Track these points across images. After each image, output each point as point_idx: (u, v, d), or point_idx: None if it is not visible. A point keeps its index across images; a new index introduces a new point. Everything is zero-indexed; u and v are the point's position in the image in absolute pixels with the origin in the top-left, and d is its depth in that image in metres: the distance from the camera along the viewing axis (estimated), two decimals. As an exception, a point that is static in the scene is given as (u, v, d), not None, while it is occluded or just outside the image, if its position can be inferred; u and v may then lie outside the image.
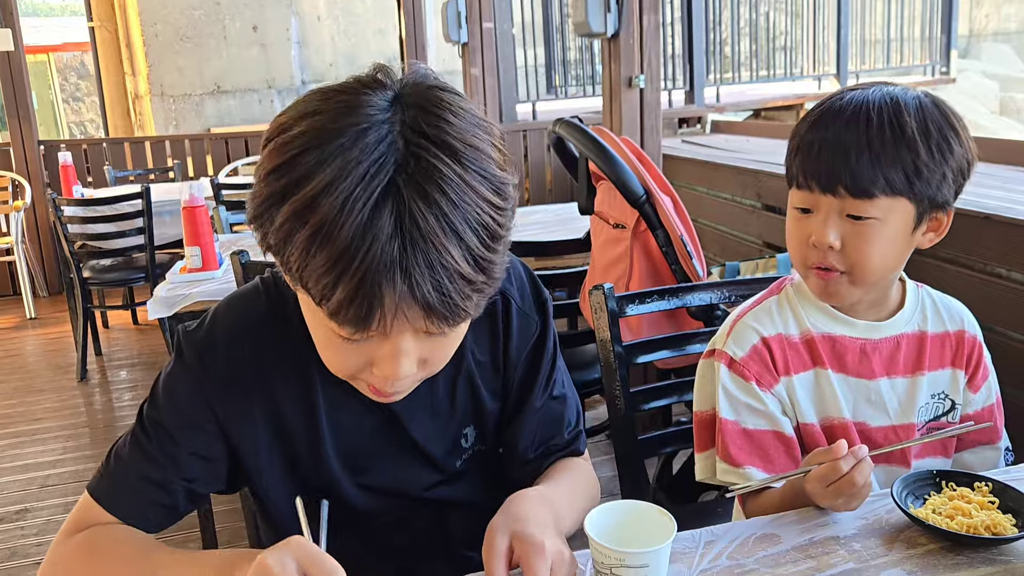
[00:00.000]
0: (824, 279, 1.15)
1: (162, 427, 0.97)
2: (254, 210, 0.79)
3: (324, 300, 0.76)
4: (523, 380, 1.09)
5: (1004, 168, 3.00)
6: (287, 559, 0.77)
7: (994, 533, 0.95)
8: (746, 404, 1.20)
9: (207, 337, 0.97)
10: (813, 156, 1.11)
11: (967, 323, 1.26)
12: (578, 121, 2.11)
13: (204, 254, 2.53)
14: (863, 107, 1.10)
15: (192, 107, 8.08)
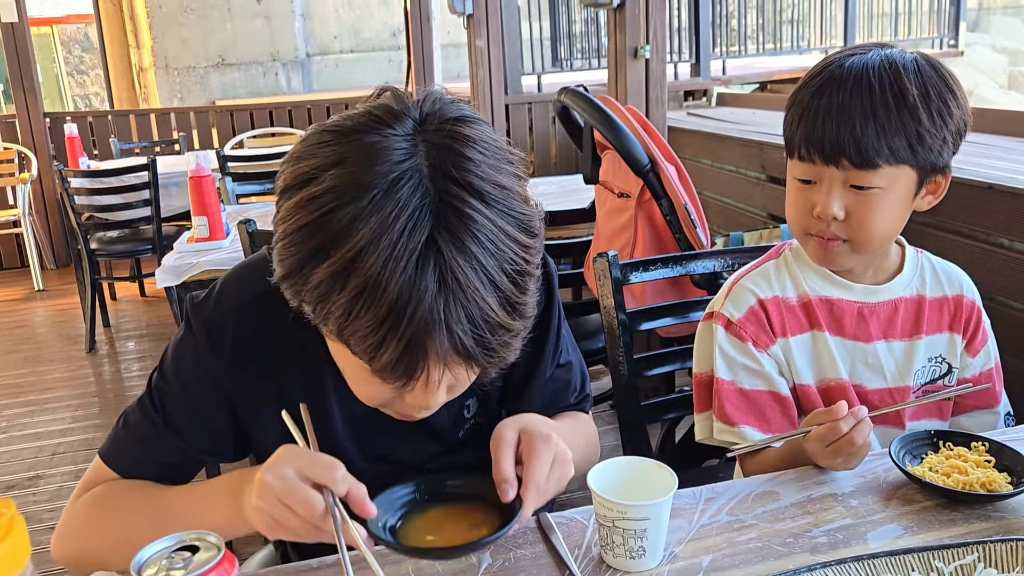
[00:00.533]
0: (825, 247, 1.16)
1: (169, 398, 0.98)
2: (287, 268, 0.77)
3: (370, 359, 0.75)
4: (530, 353, 1.07)
5: (1009, 139, 2.99)
6: (285, 470, 0.78)
7: (989, 490, 0.97)
8: (743, 365, 1.22)
9: (215, 312, 0.97)
10: (816, 127, 1.10)
11: (966, 288, 1.27)
12: (583, 90, 2.11)
13: (211, 223, 2.54)
14: (864, 74, 1.10)
15: (196, 80, 8.06)
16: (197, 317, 0.97)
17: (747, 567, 0.89)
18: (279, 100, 7.08)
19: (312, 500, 0.77)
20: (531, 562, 0.91)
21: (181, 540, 0.72)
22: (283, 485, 0.77)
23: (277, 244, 0.78)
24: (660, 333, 2.21)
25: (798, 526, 0.96)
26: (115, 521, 0.96)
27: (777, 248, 1.31)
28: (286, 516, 0.78)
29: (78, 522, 0.98)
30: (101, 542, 0.97)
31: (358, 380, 0.87)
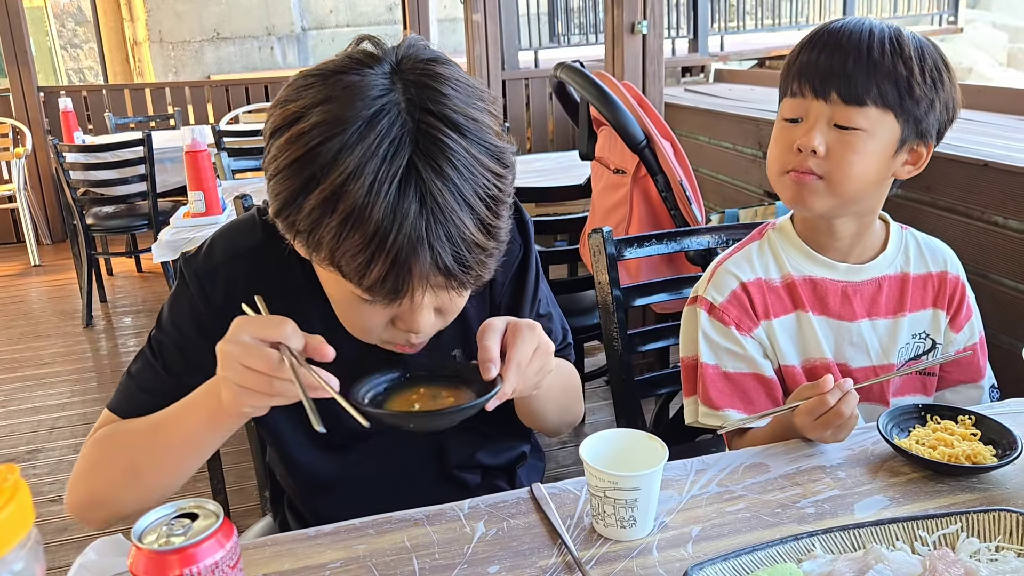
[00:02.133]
0: (800, 182, 1.15)
1: (167, 346, 1.03)
2: (281, 201, 0.82)
3: (360, 278, 0.81)
4: (510, 302, 1.14)
5: (1006, 117, 2.99)
6: (240, 336, 0.82)
7: (974, 462, 0.99)
8: (726, 348, 1.23)
9: (206, 263, 1.03)
10: (810, 62, 1.13)
11: (950, 264, 1.29)
12: (579, 66, 2.11)
13: (207, 199, 2.54)
14: (864, 25, 1.13)
15: (191, 54, 8.00)
16: (189, 269, 1.03)
17: (736, 536, 0.90)
18: (275, 75, 7.03)
19: (267, 354, 0.80)
20: (524, 531, 0.93)
21: (180, 508, 0.73)
22: (240, 348, 0.81)
23: (270, 182, 0.84)
24: (654, 309, 2.22)
25: (786, 497, 0.98)
26: (118, 452, 1.00)
27: (759, 229, 1.32)
28: (247, 377, 0.81)
29: (86, 464, 1.02)
30: (108, 475, 1.00)
31: (350, 311, 0.92)
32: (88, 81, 9.77)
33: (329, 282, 0.93)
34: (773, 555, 0.83)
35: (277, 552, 0.91)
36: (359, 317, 0.92)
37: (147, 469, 0.97)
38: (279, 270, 1.01)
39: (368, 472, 1.14)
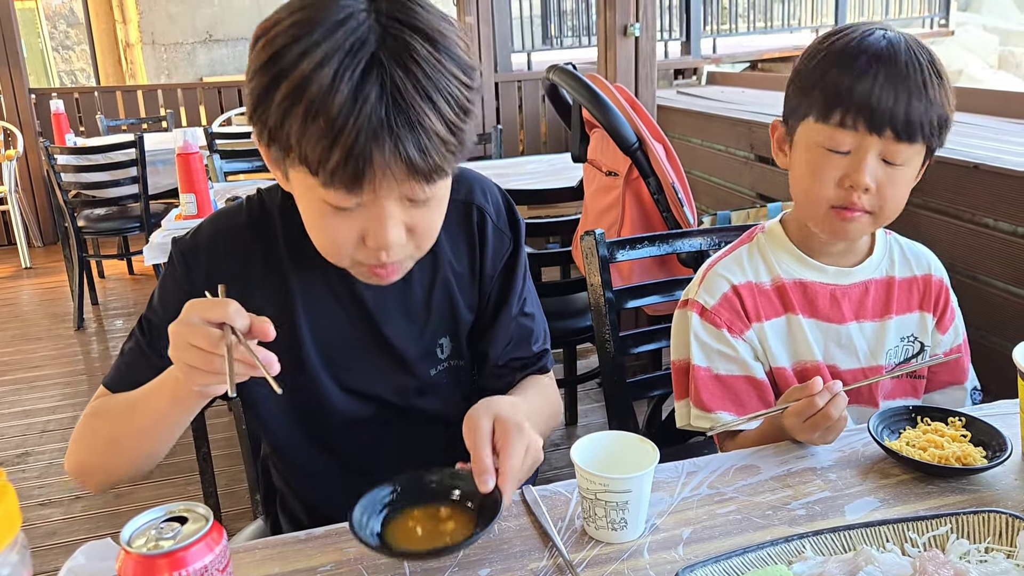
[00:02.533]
0: (848, 219, 1.14)
1: (154, 324, 1.06)
2: (252, 102, 0.87)
3: (321, 165, 0.84)
4: (498, 294, 1.16)
5: (996, 119, 3.01)
6: (189, 317, 0.84)
7: (964, 464, 0.99)
8: (718, 351, 1.23)
9: (191, 243, 1.07)
10: (863, 95, 1.08)
11: (933, 267, 1.30)
12: (572, 68, 2.11)
13: (199, 201, 2.54)
14: (911, 49, 1.09)
15: (184, 56, 7.98)
16: (176, 249, 1.07)
17: (726, 538, 0.90)
18: (267, 77, 7.01)
19: (208, 333, 0.83)
20: (515, 534, 0.93)
21: (170, 511, 0.73)
22: (187, 328, 0.83)
23: (247, 88, 0.89)
24: (647, 311, 2.22)
25: (777, 499, 0.98)
26: (102, 424, 1.05)
27: (749, 233, 1.32)
28: (193, 356, 0.83)
29: (77, 434, 1.07)
30: (93, 446, 1.05)
31: (321, 225, 0.93)
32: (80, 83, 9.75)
33: (301, 196, 0.94)
34: (764, 557, 0.83)
35: (267, 555, 0.91)
36: (330, 231, 0.93)
37: (127, 442, 1.02)
38: (262, 247, 1.05)
39: (350, 471, 1.15)
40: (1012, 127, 2.84)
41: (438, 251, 1.08)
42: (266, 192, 1.08)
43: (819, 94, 1.12)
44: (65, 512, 2.69)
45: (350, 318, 1.09)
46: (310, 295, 1.07)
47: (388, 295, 1.08)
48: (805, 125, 1.15)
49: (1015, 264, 2.14)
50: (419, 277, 1.09)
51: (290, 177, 0.92)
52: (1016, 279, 2.14)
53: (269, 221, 1.05)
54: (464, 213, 1.12)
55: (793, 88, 1.18)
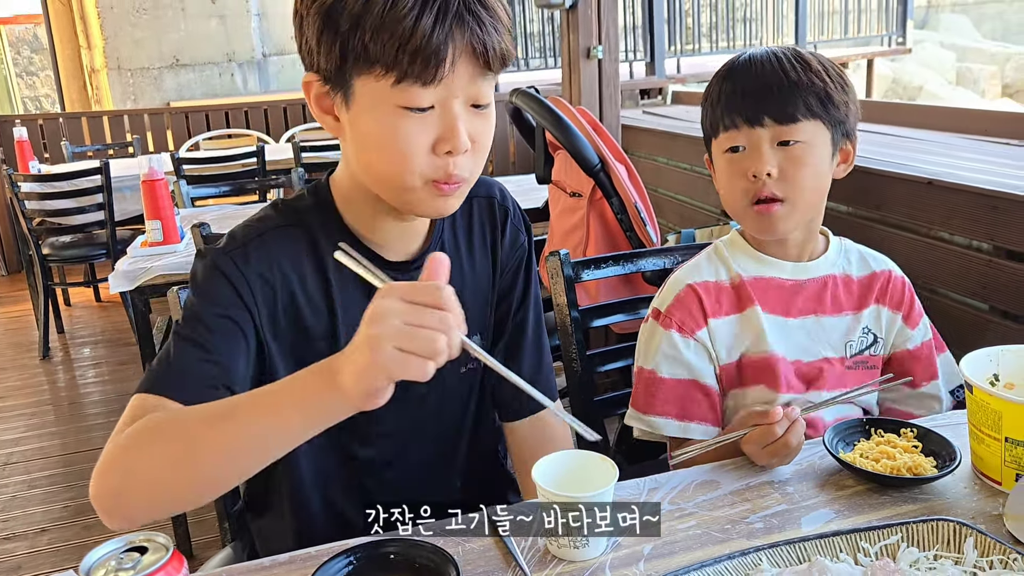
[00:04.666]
0: (766, 212, 1.21)
1: (203, 324, 1.00)
2: (322, 19, 0.92)
3: (401, 50, 0.88)
4: (522, 293, 1.23)
5: (950, 135, 3.09)
6: (394, 302, 0.75)
7: (915, 474, 1.02)
8: (664, 353, 1.26)
9: (233, 244, 1.04)
10: (736, 96, 1.21)
11: (893, 268, 1.35)
12: (534, 91, 2.14)
13: (165, 227, 2.53)
14: (769, 53, 1.23)
15: (150, 81, 7.94)
16: (220, 255, 1.03)
17: (687, 553, 0.92)
18: (235, 101, 7.01)
19: (445, 317, 0.75)
20: (479, 555, 0.94)
21: (130, 541, 0.73)
22: (405, 309, 0.75)
23: (304, 29, 0.95)
24: (614, 329, 2.24)
25: (736, 513, 1.00)
26: (157, 443, 0.89)
27: (707, 247, 1.37)
28: (416, 338, 0.74)
29: (114, 455, 0.90)
30: (137, 468, 0.89)
31: (393, 140, 0.94)
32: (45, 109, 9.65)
33: (370, 111, 0.95)
34: (721, 571, 0.85)
35: (231, 583, 0.91)
36: (403, 140, 0.94)
37: (203, 462, 0.86)
38: (302, 248, 1.06)
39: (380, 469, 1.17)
40: (966, 143, 2.92)
41: (462, 247, 1.15)
42: (286, 201, 1.09)
43: (708, 113, 1.27)
44: (30, 546, 2.64)
45: None
46: (349, 300, 1.07)
47: None
48: (713, 145, 1.28)
49: (971, 276, 2.19)
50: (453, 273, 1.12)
51: (355, 98, 0.94)
52: (972, 291, 2.19)
53: (304, 221, 1.06)
54: (487, 206, 1.20)
55: (702, 117, 1.30)
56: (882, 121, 3.48)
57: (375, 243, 1.08)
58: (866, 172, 2.41)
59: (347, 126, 0.99)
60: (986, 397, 1.00)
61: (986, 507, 0.99)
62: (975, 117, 3.26)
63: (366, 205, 1.06)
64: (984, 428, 1.01)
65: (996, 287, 2.12)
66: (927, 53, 11.95)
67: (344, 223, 1.07)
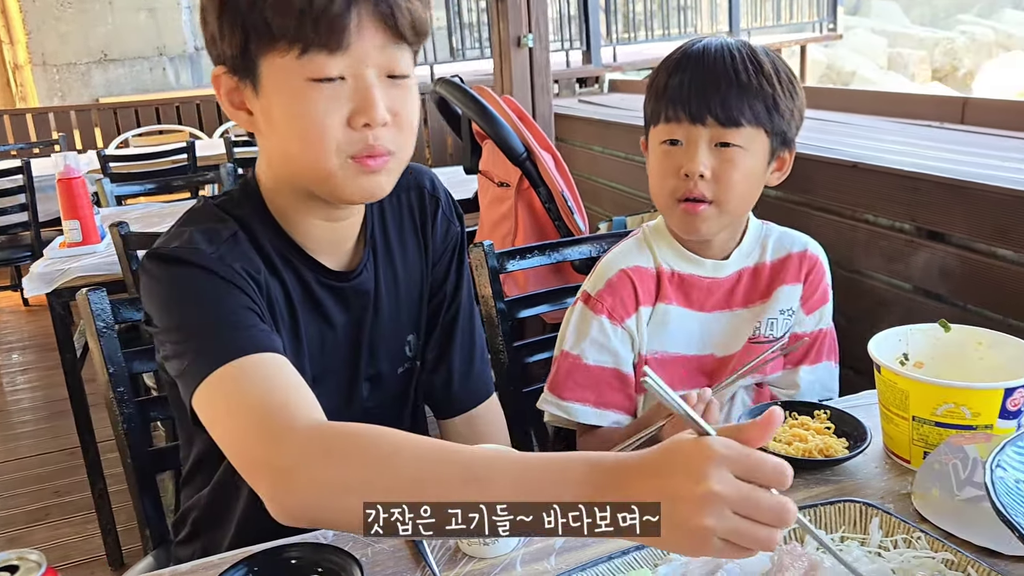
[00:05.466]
0: (693, 212, 1.19)
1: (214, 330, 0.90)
2: (217, 10, 0.91)
3: (303, 18, 0.85)
4: (455, 278, 1.21)
5: (876, 119, 3.14)
6: (727, 488, 0.63)
7: (826, 455, 1.02)
8: (592, 339, 1.25)
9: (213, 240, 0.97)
10: (683, 91, 1.17)
11: (810, 247, 1.33)
12: (459, 80, 2.11)
13: (84, 227, 2.44)
14: (724, 48, 1.19)
15: (78, 76, 7.70)
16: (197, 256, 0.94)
17: (598, 545, 0.91)
18: (166, 96, 6.83)
19: (780, 505, 0.65)
20: (389, 555, 0.91)
21: (4, 560, 0.69)
22: (741, 497, 0.64)
23: (207, 11, 0.93)
24: (545, 319, 2.23)
25: (650, 502, 0.99)
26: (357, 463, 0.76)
27: (637, 230, 1.36)
28: (749, 536, 0.64)
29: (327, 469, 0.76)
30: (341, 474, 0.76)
31: (304, 112, 0.90)
32: (-33, 107, 9.28)
33: (281, 90, 0.91)
34: (630, 562, 0.84)
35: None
36: (316, 115, 0.90)
37: None
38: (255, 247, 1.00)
39: None
40: (891, 126, 2.97)
41: (393, 243, 1.13)
42: (222, 204, 1.03)
43: (652, 100, 1.22)
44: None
45: (331, 319, 1.08)
46: (302, 294, 1.05)
47: (363, 294, 1.08)
48: (651, 132, 1.25)
49: (895, 257, 2.23)
50: (384, 273, 1.11)
51: (263, 81, 0.91)
52: (897, 272, 2.23)
53: (249, 227, 1.01)
54: (417, 197, 1.17)
55: (645, 104, 1.26)
56: (813, 106, 3.52)
57: (307, 246, 1.04)
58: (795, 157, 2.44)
59: (260, 117, 0.95)
60: (893, 377, 1.01)
61: (896, 486, 1.00)
62: (900, 100, 3.33)
63: (293, 204, 1.02)
64: (892, 408, 1.02)
65: (918, 266, 2.16)
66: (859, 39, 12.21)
67: (278, 226, 1.03)
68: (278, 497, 0.77)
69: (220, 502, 1.15)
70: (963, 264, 2.04)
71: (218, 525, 1.16)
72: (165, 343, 0.94)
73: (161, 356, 0.96)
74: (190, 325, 0.92)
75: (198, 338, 0.90)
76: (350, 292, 1.08)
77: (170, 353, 0.93)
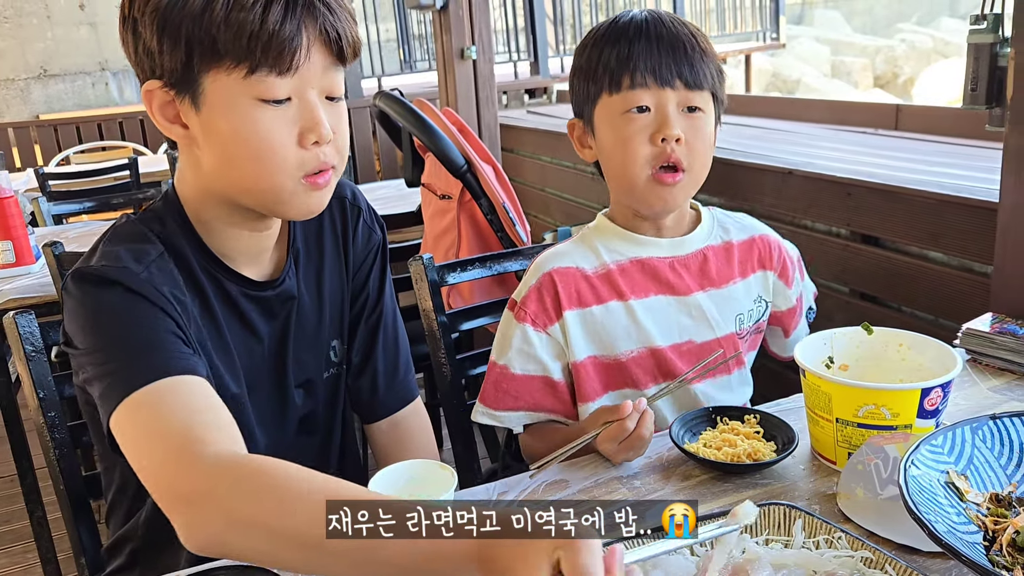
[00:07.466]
0: (671, 181, 1.16)
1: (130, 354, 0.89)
2: (157, 25, 0.89)
3: (253, 40, 0.87)
4: (377, 283, 1.22)
5: (814, 126, 3.21)
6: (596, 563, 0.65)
7: (755, 459, 1.04)
8: (518, 348, 1.24)
9: (140, 261, 0.96)
10: (651, 55, 1.14)
11: (765, 229, 1.36)
12: (398, 94, 2.11)
13: (16, 248, 2.38)
14: (657, 16, 1.19)
15: (17, 93, 7.51)
16: (126, 276, 0.93)
17: None
18: (109, 112, 6.70)
19: None
20: None
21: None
22: None
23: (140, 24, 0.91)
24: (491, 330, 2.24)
25: (583, 511, 0.99)
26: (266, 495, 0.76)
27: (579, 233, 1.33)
28: None
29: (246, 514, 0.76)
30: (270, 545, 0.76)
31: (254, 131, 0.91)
32: (-99, 126, 9.00)
33: (228, 111, 0.91)
34: None
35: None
36: (267, 134, 0.91)
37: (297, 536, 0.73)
38: (182, 264, 1.01)
39: None
40: (828, 133, 3.04)
41: (313, 254, 1.14)
42: (147, 221, 1.01)
43: (603, 71, 1.18)
44: None
45: (257, 330, 1.08)
46: (227, 308, 1.05)
47: (286, 301, 1.10)
48: (601, 104, 1.19)
49: (831, 261, 2.28)
50: (306, 280, 1.12)
51: (206, 98, 0.91)
52: (834, 275, 2.28)
53: (175, 245, 1.00)
54: (338, 207, 1.18)
55: (577, 82, 1.23)
56: (755, 114, 3.60)
57: (229, 257, 1.04)
58: (733, 164, 2.47)
59: (199, 132, 0.94)
60: (817, 380, 1.03)
61: (822, 487, 1.02)
62: (838, 108, 3.41)
63: (216, 215, 1.02)
64: (817, 410, 1.04)
65: (854, 270, 2.21)
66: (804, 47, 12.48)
67: (200, 240, 1.03)
68: (188, 527, 0.77)
69: (160, 529, 1.13)
70: (896, 267, 2.09)
71: (159, 552, 1.14)
72: (86, 365, 0.92)
73: (82, 379, 0.94)
74: (112, 346, 0.91)
75: (119, 360, 0.89)
76: (274, 300, 1.09)
77: (91, 375, 0.91)
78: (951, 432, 0.91)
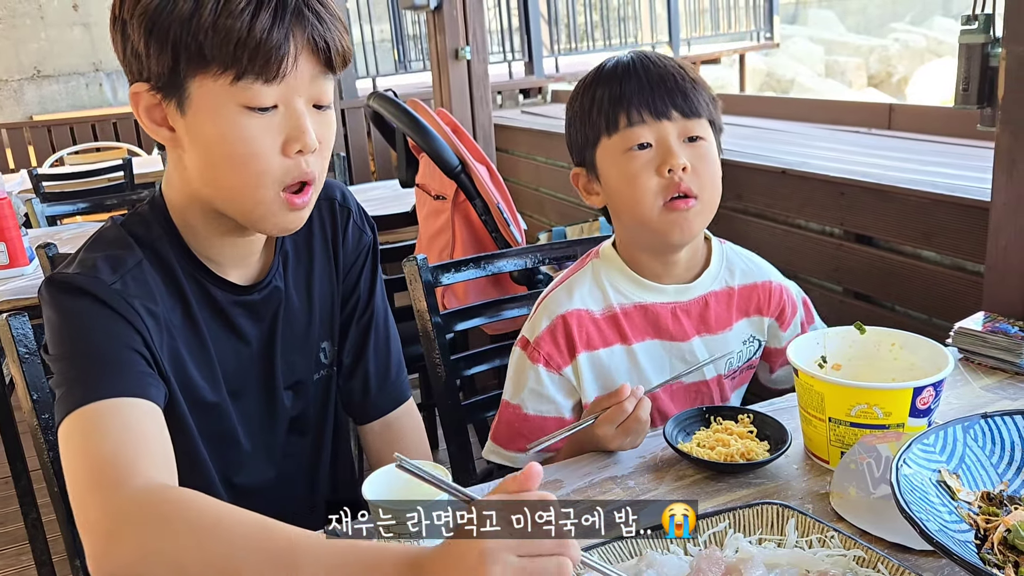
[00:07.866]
0: (684, 208, 1.15)
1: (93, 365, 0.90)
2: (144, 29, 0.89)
3: (240, 46, 0.86)
4: (367, 284, 1.22)
5: (808, 126, 3.22)
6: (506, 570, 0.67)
7: (748, 459, 1.04)
8: (531, 389, 1.24)
9: (109, 267, 0.96)
10: (643, 92, 1.15)
11: (773, 276, 1.34)
12: (392, 95, 2.11)
13: (10, 250, 2.37)
14: (643, 56, 1.20)
15: (10, 94, 7.48)
16: (96, 286, 0.94)
17: None
18: (103, 113, 6.69)
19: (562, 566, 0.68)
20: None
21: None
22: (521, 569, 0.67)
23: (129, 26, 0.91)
24: (486, 330, 2.24)
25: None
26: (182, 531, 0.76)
27: (582, 260, 1.32)
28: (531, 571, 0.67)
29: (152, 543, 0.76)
30: None
31: (239, 138, 0.91)
32: None
33: (213, 117, 0.91)
34: None
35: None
36: (251, 142, 0.91)
37: None
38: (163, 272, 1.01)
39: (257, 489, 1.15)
40: (822, 132, 3.05)
41: (303, 256, 1.13)
42: (131, 228, 1.01)
43: (598, 113, 1.18)
44: None
45: (244, 334, 1.08)
46: (212, 321, 1.05)
47: (273, 304, 1.09)
48: (601, 148, 1.20)
49: (825, 260, 2.28)
50: (295, 282, 1.13)
51: (192, 102, 0.90)
52: (827, 275, 2.29)
53: (159, 252, 1.01)
54: (327, 208, 1.17)
55: (573, 130, 1.24)
56: (749, 114, 3.61)
57: (215, 262, 1.04)
58: (727, 164, 2.47)
59: (184, 136, 0.94)
60: (810, 380, 1.03)
61: (815, 486, 1.02)
62: (831, 108, 3.42)
63: (203, 221, 1.02)
64: (810, 409, 1.04)
65: (848, 269, 2.22)
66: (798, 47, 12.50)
67: (185, 245, 1.03)
68: (96, 558, 0.77)
69: None
70: (889, 266, 2.10)
71: None
72: (53, 371, 0.94)
73: (52, 383, 0.96)
74: (73, 356, 0.92)
75: (75, 371, 0.91)
76: (260, 303, 1.09)
77: (54, 382, 0.93)
78: (943, 431, 0.92)
